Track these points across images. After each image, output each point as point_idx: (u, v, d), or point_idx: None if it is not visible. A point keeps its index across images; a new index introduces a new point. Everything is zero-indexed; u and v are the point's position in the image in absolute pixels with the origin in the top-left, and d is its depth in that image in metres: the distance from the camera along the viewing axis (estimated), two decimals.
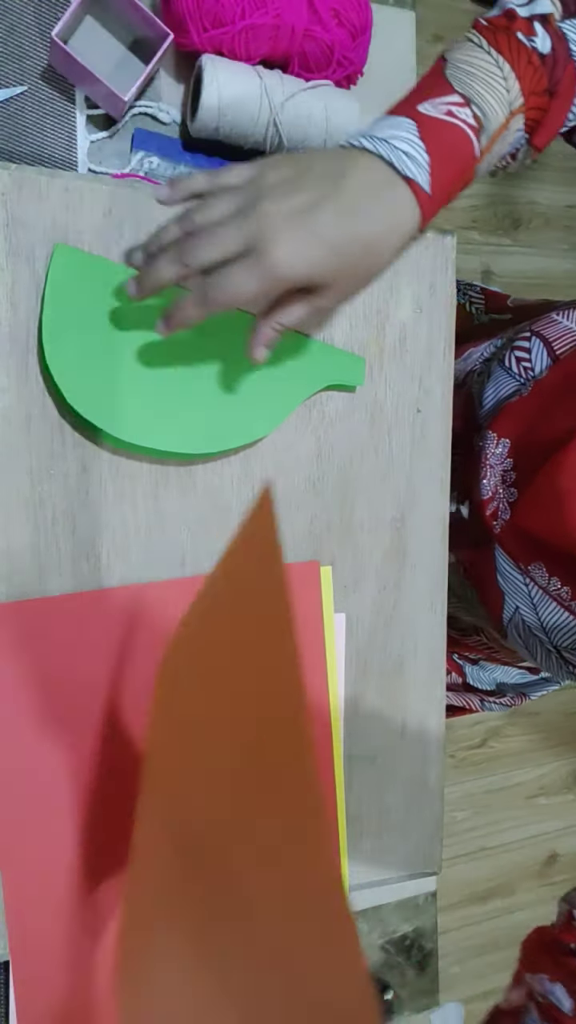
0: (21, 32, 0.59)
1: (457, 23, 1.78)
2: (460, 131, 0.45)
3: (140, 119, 0.62)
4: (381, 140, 0.44)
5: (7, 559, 0.53)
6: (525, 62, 0.46)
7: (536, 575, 0.63)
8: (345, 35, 0.62)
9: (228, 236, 0.42)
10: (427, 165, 0.44)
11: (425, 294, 0.63)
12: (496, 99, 0.46)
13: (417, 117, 0.44)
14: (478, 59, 0.46)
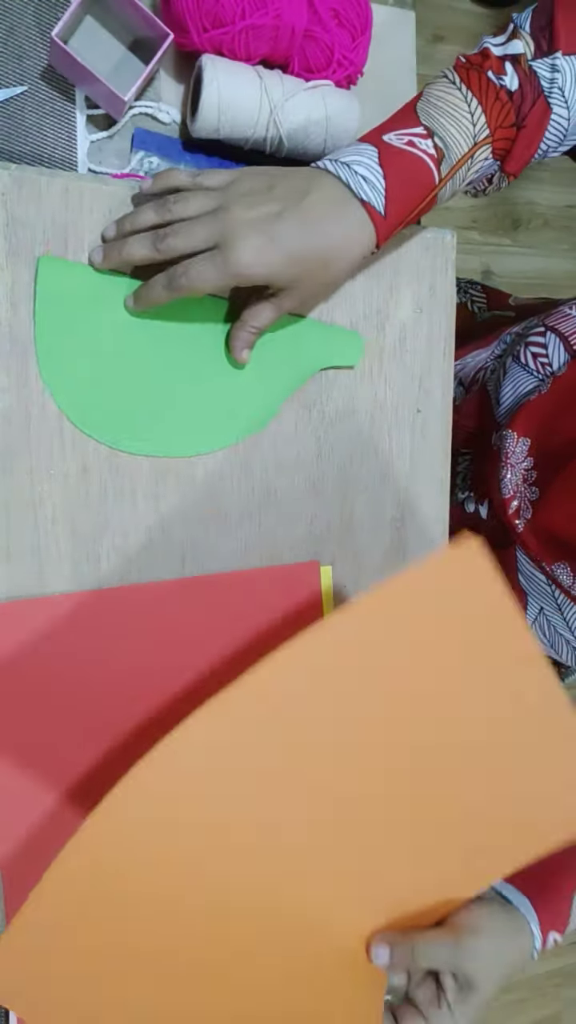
0: (21, 32, 0.59)
1: (457, 23, 1.78)
2: (419, 160, 0.50)
3: (140, 119, 0.62)
4: (343, 164, 0.49)
5: (7, 559, 0.53)
6: (493, 98, 0.51)
7: (560, 575, 0.62)
8: (345, 35, 0.62)
9: (199, 232, 0.47)
10: (383, 189, 0.49)
11: (425, 294, 0.63)
12: (460, 132, 0.51)
13: (380, 145, 0.50)
14: (449, 95, 0.52)
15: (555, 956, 1.95)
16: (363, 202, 0.49)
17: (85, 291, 0.53)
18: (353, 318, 0.61)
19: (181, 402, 0.55)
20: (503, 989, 1.85)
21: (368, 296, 0.61)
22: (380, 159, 0.50)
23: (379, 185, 0.49)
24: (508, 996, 1.89)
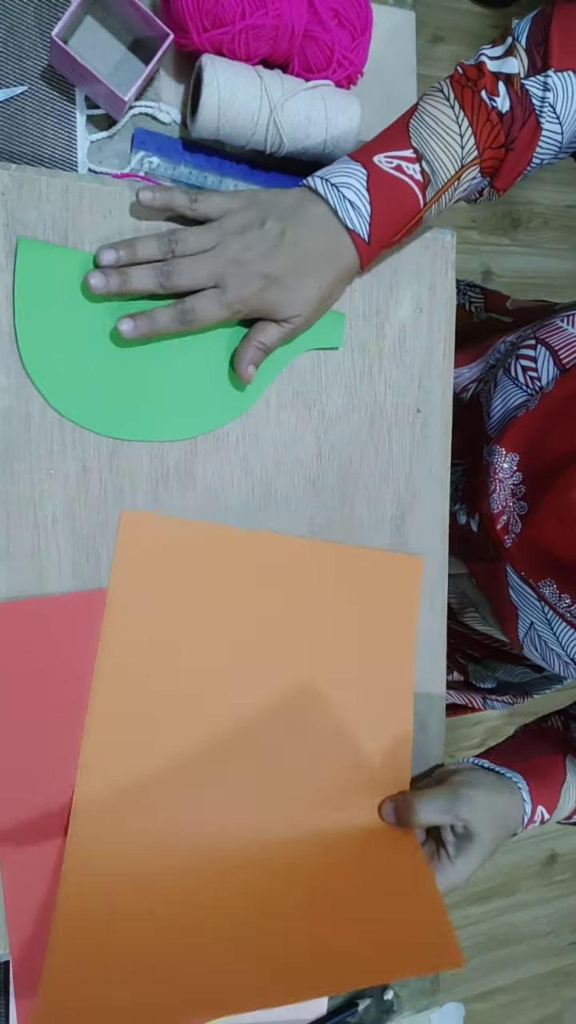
0: (21, 32, 0.59)
1: (457, 23, 1.78)
2: (405, 186, 0.52)
3: (140, 119, 0.62)
4: (333, 186, 0.52)
5: (7, 559, 0.53)
6: (484, 119, 0.53)
7: (546, 592, 0.63)
8: (345, 35, 0.62)
9: (200, 272, 0.51)
10: (368, 216, 0.52)
11: (425, 294, 0.63)
12: (448, 155, 0.53)
13: (369, 167, 0.52)
14: (441, 112, 0.54)
15: (555, 956, 1.95)
16: (349, 231, 0.52)
17: (65, 273, 0.52)
18: (353, 318, 0.61)
19: (165, 384, 0.55)
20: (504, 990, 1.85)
21: (368, 296, 0.61)
22: (368, 183, 0.52)
23: (364, 211, 0.52)
24: (508, 996, 1.89)
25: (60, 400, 0.52)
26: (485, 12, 1.81)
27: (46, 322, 0.52)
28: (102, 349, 0.53)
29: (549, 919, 1.95)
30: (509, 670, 0.85)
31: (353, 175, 0.52)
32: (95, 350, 0.53)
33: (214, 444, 0.57)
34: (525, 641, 0.69)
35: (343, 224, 0.52)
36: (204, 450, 0.57)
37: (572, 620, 0.62)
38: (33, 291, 0.51)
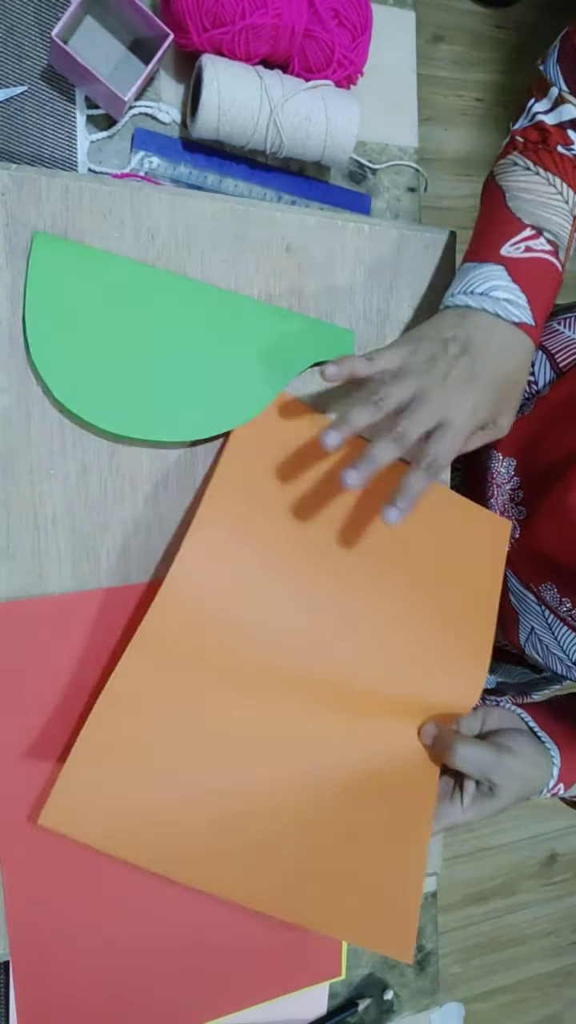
0: (21, 32, 0.59)
1: (457, 23, 1.78)
2: (542, 261, 0.54)
3: (140, 119, 0.62)
4: (483, 295, 0.53)
5: (7, 559, 0.53)
6: (571, 169, 0.55)
7: (547, 596, 0.62)
8: (345, 35, 0.62)
9: (424, 419, 0.50)
10: (526, 304, 0.53)
11: (425, 294, 0.63)
12: (560, 216, 0.55)
13: (504, 261, 0.54)
14: (532, 183, 0.55)
15: (555, 956, 1.95)
16: (517, 324, 0.53)
17: (79, 270, 0.52)
18: (353, 318, 0.61)
19: (172, 386, 0.55)
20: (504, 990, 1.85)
21: (368, 296, 0.61)
22: (511, 275, 0.53)
23: (521, 301, 0.53)
24: (508, 996, 1.89)
25: (65, 392, 0.52)
26: (485, 12, 1.80)
27: (56, 316, 0.52)
28: (113, 346, 0.53)
29: (549, 919, 1.95)
30: (508, 671, 0.85)
31: (494, 276, 0.53)
32: (106, 347, 0.53)
33: (214, 445, 0.57)
34: (527, 646, 0.69)
35: (511, 322, 0.53)
36: (204, 451, 0.57)
37: (573, 624, 0.62)
38: (45, 285, 0.51)
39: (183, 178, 0.64)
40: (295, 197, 0.67)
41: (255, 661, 0.53)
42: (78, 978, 0.55)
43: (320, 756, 0.54)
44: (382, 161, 0.70)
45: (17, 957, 0.54)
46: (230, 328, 0.56)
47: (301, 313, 0.59)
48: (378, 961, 0.72)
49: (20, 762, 0.53)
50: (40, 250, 0.51)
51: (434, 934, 0.74)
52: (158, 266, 0.55)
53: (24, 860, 0.53)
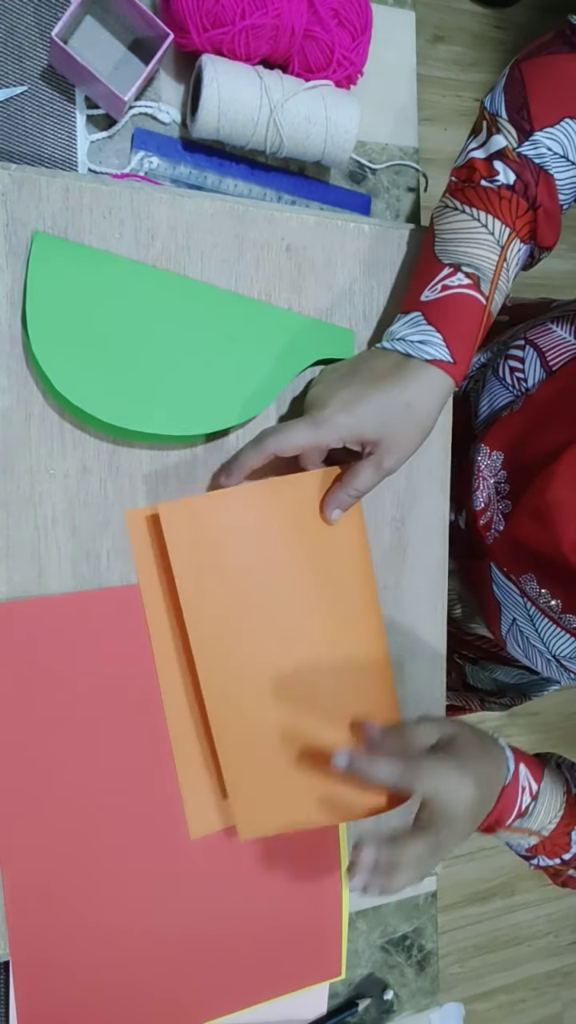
0: (21, 32, 0.59)
1: (457, 23, 1.78)
2: (459, 296, 0.54)
3: (140, 119, 0.62)
4: (400, 340, 0.54)
5: (7, 559, 0.53)
6: (497, 200, 0.54)
7: (527, 587, 0.63)
8: (345, 35, 0.62)
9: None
10: (443, 342, 0.53)
11: None
12: (483, 248, 0.54)
13: (421, 307, 0.54)
14: (457, 222, 0.55)
15: (555, 956, 1.95)
16: (430, 361, 0.53)
17: (79, 269, 0.52)
18: (353, 318, 0.61)
19: (172, 382, 0.54)
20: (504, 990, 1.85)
21: (368, 296, 0.61)
22: (427, 318, 0.54)
23: (438, 340, 0.53)
24: (508, 996, 1.89)
25: (67, 385, 0.51)
26: (485, 12, 1.81)
27: (57, 314, 0.51)
28: (113, 344, 0.53)
29: (549, 919, 1.95)
30: (506, 672, 0.86)
31: (411, 323, 0.54)
32: (107, 344, 0.53)
33: (214, 446, 0.57)
34: (508, 638, 0.69)
35: (422, 359, 0.53)
36: (204, 451, 0.57)
37: (552, 615, 0.62)
38: (45, 283, 0.51)
39: (183, 178, 0.64)
40: (295, 197, 0.67)
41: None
42: (78, 978, 0.55)
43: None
44: (382, 161, 0.70)
45: (17, 957, 0.54)
46: (230, 327, 0.56)
47: (301, 313, 0.59)
48: (378, 961, 0.72)
49: (20, 762, 0.53)
50: (40, 250, 0.51)
51: (434, 934, 0.74)
52: (158, 266, 0.55)
53: (24, 860, 0.53)
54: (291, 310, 0.59)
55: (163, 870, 0.57)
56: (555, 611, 0.62)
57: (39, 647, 0.53)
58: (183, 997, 0.59)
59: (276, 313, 0.58)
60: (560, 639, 0.63)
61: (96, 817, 0.55)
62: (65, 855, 0.54)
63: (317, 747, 0.58)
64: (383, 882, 0.49)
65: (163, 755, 0.56)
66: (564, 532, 0.58)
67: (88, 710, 0.54)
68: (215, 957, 0.60)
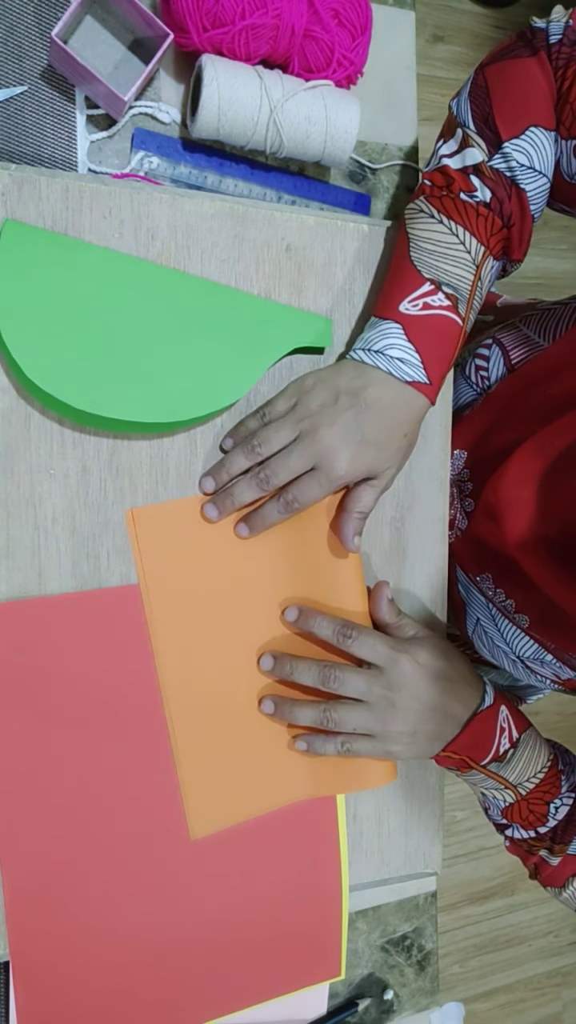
0: (21, 32, 0.59)
1: (457, 23, 1.78)
2: (439, 318, 0.54)
3: (140, 119, 0.62)
4: (378, 353, 0.54)
5: (7, 559, 0.53)
6: (475, 216, 0.54)
7: (484, 586, 0.63)
8: (345, 35, 0.62)
9: (295, 462, 0.53)
10: (420, 362, 0.54)
11: None
12: (461, 267, 0.54)
13: (401, 319, 0.54)
14: (435, 232, 0.54)
15: (555, 956, 1.95)
16: (409, 383, 0.54)
17: (50, 256, 0.52)
18: (353, 318, 0.61)
19: (146, 369, 0.54)
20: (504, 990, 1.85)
21: (368, 296, 0.61)
22: (407, 334, 0.54)
23: (416, 360, 0.54)
24: (508, 996, 1.89)
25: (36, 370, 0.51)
26: (485, 12, 1.81)
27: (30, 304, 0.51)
28: (86, 330, 0.52)
29: (549, 919, 1.95)
30: (501, 674, 0.85)
31: (390, 334, 0.54)
32: (79, 330, 0.52)
33: (214, 444, 0.57)
34: (474, 638, 0.69)
35: (403, 381, 0.54)
36: (204, 450, 0.57)
37: (509, 615, 0.62)
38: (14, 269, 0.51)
39: (183, 178, 0.64)
40: (295, 197, 0.67)
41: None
42: (78, 978, 0.55)
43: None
44: (382, 161, 0.70)
45: (17, 957, 0.54)
46: (205, 315, 0.55)
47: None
48: (378, 961, 0.72)
49: (20, 762, 0.53)
50: (9, 236, 0.51)
51: (434, 934, 0.74)
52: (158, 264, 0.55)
53: (24, 860, 0.53)
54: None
55: (163, 870, 0.57)
56: (510, 611, 0.62)
57: (39, 647, 0.53)
58: (183, 997, 0.59)
59: (252, 301, 0.57)
60: (521, 640, 0.63)
61: (96, 817, 0.55)
62: (65, 855, 0.54)
63: (276, 741, 0.58)
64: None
65: (163, 755, 0.56)
66: (511, 530, 0.58)
67: (88, 710, 0.54)
68: (215, 957, 0.60)
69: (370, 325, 0.56)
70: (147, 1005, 0.58)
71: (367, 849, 0.64)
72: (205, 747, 0.57)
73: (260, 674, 0.58)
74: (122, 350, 0.53)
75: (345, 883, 0.63)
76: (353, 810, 0.63)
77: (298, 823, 0.60)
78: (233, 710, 0.58)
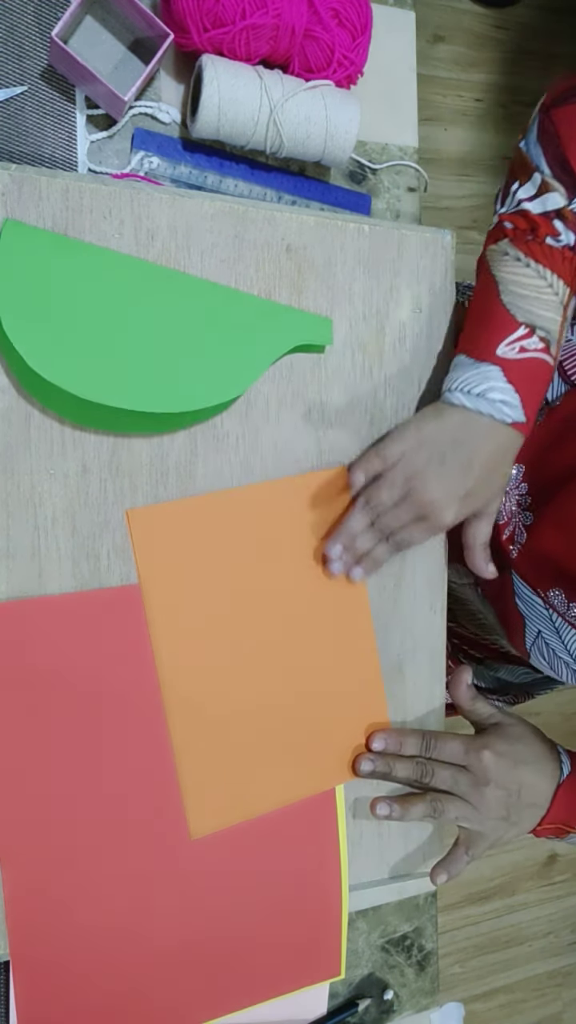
0: (21, 32, 0.59)
1: (457, 23, 1.78)
2: (536, 360, 0.56)
3: (140, 119, 0.62)
4: (479, 397, 0.55)
5: (7, 559, 0.53)
6: (560, 260, 0.56)
7: (555, 601, 0.63)
8: (345, 35, 0.62)
9: (406, 515, 0.57)
10: (520, 404, 0.55)
11: (425, 294, 0.63)
12: (552, 310, 0.56)
13: (500, 363, 0.56)
14: (524, 277, 0.56)
15: (555, 956, 1.95)
16: (512, 424, 0.56)
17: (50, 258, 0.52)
18: (353, 318, 0.61)
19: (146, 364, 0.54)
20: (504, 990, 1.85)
21: (368, 296, 0.61)
22: (507, 377, 0.55)
23: (515, 402, 0.55)
24: (508, 996, 1.89)
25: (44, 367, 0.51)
26: (485, 12, 1.80)
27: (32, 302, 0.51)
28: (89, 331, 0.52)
29: (549, 919, 1.95)
30: (511, 670, 0.85)
31: (490, 376, 0.55)
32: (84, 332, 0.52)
33: (214, 444, 0.57)
34: (532, 650, 0.69)
35: (505, 423, 0.56)
36: (204, 450, 0.57)
37: None
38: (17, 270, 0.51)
39: (183, 178, 0.64)
40: (295, 197, 0.67)
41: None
42: (78, 978, 0.55)
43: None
44: (382, 161, 0.70)
45: (17, 957, 0.54)
46: (206, 314, 0.55)
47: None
48: (378, 961, 0.72)
49: (19, 762, 0.53)
50: (9, 236, 0.51)
51: (434, 934, 0.74)
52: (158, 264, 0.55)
53: (24, 860, 0.53)
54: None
55: (163, 870, 0.57)
56: None
57: (39, 647, 0.53)
58: (183, 997, 0.59)
59: (252, 301, 0.57)
60: None
61: (96, 817, 0.55)
62: (65, 855, 0.54)
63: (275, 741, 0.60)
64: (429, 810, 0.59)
65: (162, 755, 0.56)
66: None
67: (87, 710, 0.54)
68: (215, 957, 0.60)
69: (463, 366, 0.57)
70: (147, 1005, 0.58)
71: (367, 849, 0.64)
72: (204, 747, 0.57)
73: (259, 674, 0.58)
74: (122, 348, 0.53)
75: (345, 883, 0.63)
76: (353, 810, 0.63)
77: (298, 823, 0.60)
78: (232, 710, 0.58)
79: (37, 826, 0.53)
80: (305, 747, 0.60)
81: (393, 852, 0.66)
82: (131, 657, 0.55)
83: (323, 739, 0.61)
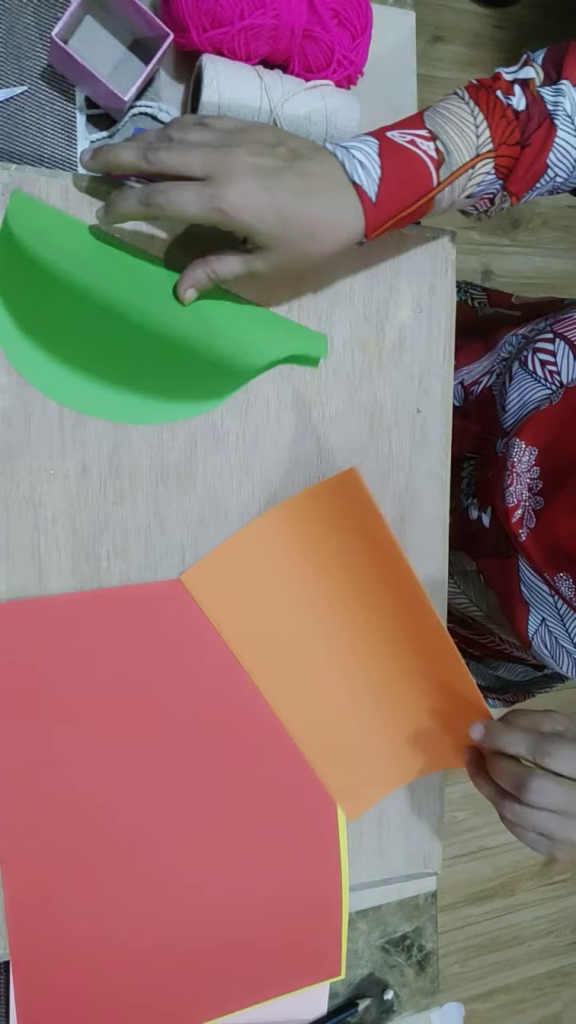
0: (21, 32, 0.59)
1: (457, 23, 1.78)
2: (418, 158, 0.50)
3: (140, 119, 0.62)
4: (343, 147, 0.50)
5: (7, 559, 0.53)
6: (499, 115, 0.52)
7: (561, 587, 0.62)
8: (345, 35, 0.62)
9: (195, 157, 0.47)
10: (377, 178, 0.49)
11: (425, 294, 0.63)
12: (463, 140, 0.52)
13: (381, 138, 0.51)
14: (455, 107, 0.53)
15: (555, 956, 1.95)
16: (355, 185, 0.49)
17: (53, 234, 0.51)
18: (353, 318, 0.61)
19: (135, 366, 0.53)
20: (504, 990, 1.84)
21: (368, 296, 0.61)
22: (380, 150, 0.50)
23: (374, 173, 0.49)
24: (508, 996, 1.89)
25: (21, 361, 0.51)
26: (485, 12, 1.81)
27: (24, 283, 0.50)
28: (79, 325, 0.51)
29: (549, 919, 1.95)
30: (510, 668, 0.85)
31: (365, 142, 0.50)
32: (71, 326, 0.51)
33: (214, 444, 0.57)
34: (535, 638, 0.69)
35: (350, 179, 0.49)
36: (204, 450, 0.57)
37: None
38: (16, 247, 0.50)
39: None
40: None
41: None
42: (78, 978, 0.55)
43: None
44: None
45: (17, 957, 0.54)
46: (205, 314, 0.55)
47: (301, 313, 0.59)
48: (378, 961, 0.72)
49: (19, 762, 0.53)
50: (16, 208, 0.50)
51: (434, 934, 0.74)
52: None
53: (24, 860, 0.53)
54: (290, 311, 0.59)
55: (163, 870, 0.57)
56: None
57: (39, 647, 0.53)
58: (183, 997, 0.59)
59: (251, 309, 0.57)
60: None
61: (96, 817, 0.55)
62: (65, 856, 0.54)
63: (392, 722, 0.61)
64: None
65: (163, 756, 0.56)
66: None
67: (88, 711, 0.54)
68: (215, 957, 0.60)
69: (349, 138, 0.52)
70: (147, 1005, 0.58)
71: (367, 849, 0.64)
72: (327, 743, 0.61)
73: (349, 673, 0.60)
74: (113, 345, 0.52)
75: (345, 883, 0.63)
76: None
77: (298, 824, 0.60)
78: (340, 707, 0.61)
79: (38, 826, 0.53)
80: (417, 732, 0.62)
81: (393, 852, 0.66)
82: (131, 657, 0.55)
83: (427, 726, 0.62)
